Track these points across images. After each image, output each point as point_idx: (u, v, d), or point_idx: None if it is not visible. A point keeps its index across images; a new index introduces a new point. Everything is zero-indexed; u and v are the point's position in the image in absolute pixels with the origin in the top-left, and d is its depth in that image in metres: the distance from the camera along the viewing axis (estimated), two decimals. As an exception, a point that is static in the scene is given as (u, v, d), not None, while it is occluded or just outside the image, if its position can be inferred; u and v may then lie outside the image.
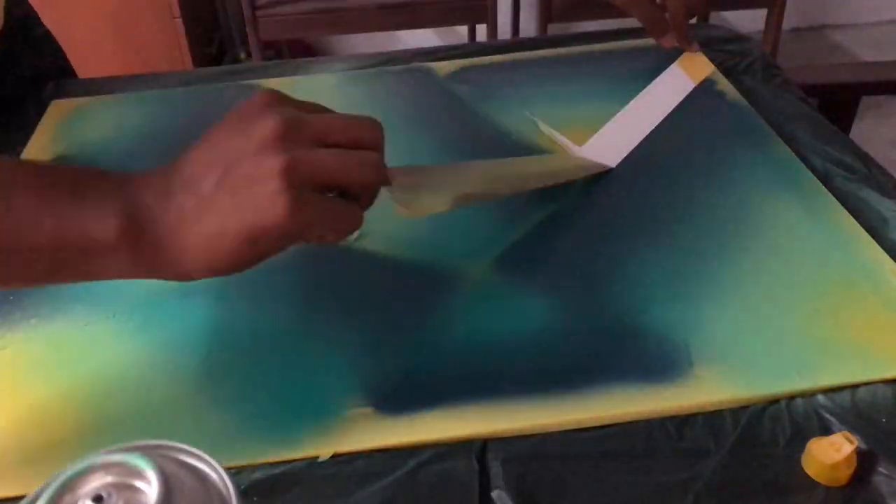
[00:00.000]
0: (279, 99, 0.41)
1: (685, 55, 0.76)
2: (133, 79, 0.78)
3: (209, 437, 0.42)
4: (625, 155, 0.62)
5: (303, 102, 0.42)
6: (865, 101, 0.96)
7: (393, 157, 0.64)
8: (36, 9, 0.81)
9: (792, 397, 0.43)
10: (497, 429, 0.42)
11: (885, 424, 0.41)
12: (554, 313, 0.48)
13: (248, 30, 1.52)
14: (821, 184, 0.58)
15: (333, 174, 0.39)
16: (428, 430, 0.42)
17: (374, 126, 0.42)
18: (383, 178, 0.42)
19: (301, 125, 0.39)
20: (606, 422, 0.42)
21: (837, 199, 0.56)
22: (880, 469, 0.39)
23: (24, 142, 0.68)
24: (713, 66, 0.74)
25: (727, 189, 0.58)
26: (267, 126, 0.38)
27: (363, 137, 0.41)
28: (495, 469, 0.40)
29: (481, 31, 1.65)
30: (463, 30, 1.99)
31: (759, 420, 0.42)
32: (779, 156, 0.61)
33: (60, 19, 1.57)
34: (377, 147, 0.42)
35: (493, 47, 0.79)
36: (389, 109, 0.71)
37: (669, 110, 0.68)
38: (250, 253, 0.39)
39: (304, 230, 0.39)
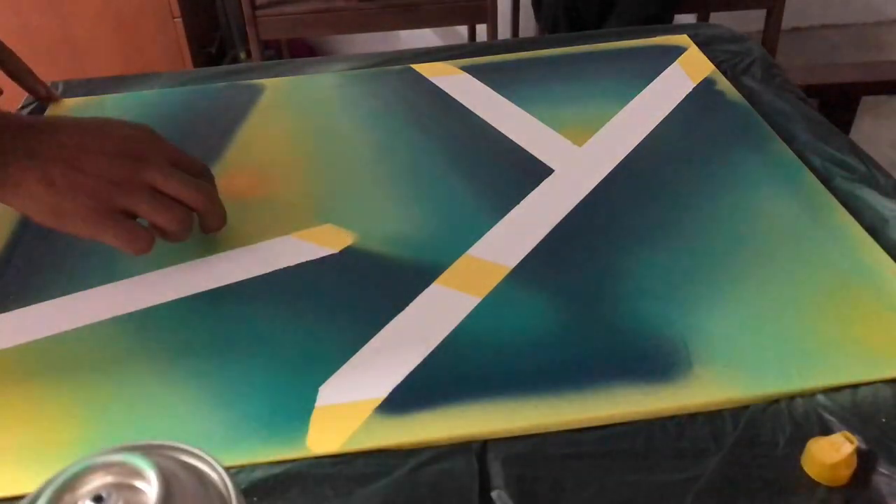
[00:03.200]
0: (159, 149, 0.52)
1: (685, 55, 0.75)
2: (133, 79, 0.78)
3: (209, 437, 0.42)
4: (625, 155, 0.63)
5: (178, 155, 0.53)
6: (865, 101, 0.96)
7: (392, 156, 0.65)
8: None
9: (792, 397, 0.43)
10: (497, 429, 0.42)
11: (886, 424, 0.41)
12: (554, 313, 0.48)
13: (248, 30, 1.52)
14: (821, 184, 0.58)
15: (146, 214, 0.51)
16: (428, 430, 0.42)
17: (200, 192, 0.52)
18: (185, 227, 0.51)
19: (147, 171, 0.50)
20: (606, 421, 0.42)
21: (837, 199, 0.56)
22: (880, 469, 0.39)
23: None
24: (713, 66, 0.74)
25: (727, 189, 0.58)
26: (131, 167, 0.50)
27: (187, 197, 0.52)
28: (495, 469, 0.40)
29: (481, 31, 1.65)
30: (463, 30, 1.99)
31: (759, 420, 0.42)
32: (779, 156, 0.61)
33: (61, 19, 1.57)
34: (197, 208, 0.52)
35: (493, 47, 0.80)
36: (389, 109, 0.71)
37: (669, 110, 0.68)
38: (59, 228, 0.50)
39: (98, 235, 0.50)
